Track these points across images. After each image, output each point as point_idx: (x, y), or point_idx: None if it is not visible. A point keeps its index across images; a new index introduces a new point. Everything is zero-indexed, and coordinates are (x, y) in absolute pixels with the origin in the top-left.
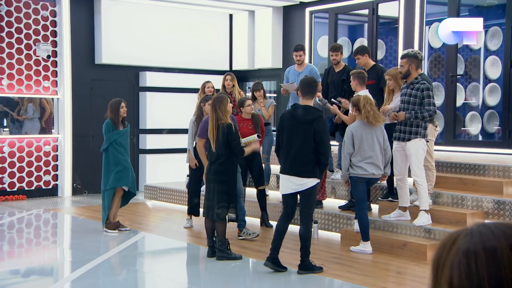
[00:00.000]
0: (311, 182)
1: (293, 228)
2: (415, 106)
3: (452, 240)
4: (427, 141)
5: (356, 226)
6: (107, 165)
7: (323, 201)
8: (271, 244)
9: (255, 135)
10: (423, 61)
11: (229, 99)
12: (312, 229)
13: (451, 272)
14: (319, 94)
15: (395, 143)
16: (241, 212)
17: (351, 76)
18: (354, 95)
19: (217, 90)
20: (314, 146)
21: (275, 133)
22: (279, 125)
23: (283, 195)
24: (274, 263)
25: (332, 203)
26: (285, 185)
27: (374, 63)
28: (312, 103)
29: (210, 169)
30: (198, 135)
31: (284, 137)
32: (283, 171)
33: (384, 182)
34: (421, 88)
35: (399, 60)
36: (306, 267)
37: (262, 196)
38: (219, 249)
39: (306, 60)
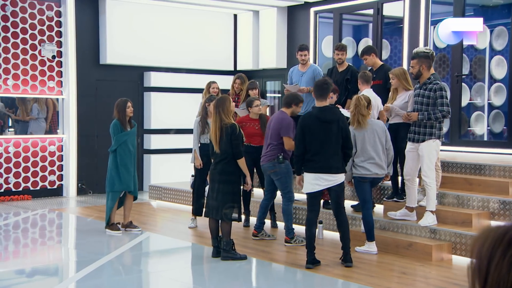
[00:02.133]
0: (341, 177)
1: (301, 228)
2: (428, 107)
3: (509, 236)
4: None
5: (363, 226)
6: (113, 166)
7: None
8: (307, 248)
9: None
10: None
11: (231, 100)
12: (317, 229)
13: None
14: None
15: (409, 143)
16: (263, 216)
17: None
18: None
19: (222, 91)
20: (341, 142)
21: None
22: (300, 128)
23: (311, 194)
24: (315, 263)
25: None
26: (314, 182)
27: (382, 63)
28: (328, 103)
29: (215, 169)
30: (285, 134)
31: (310, 138)
32: (314, 170)
33: (389, 183)
34: (434, 89)
35: (410, 61)
36: (351, 258)
37: None
38: (224, 249)
39: (310, 60)
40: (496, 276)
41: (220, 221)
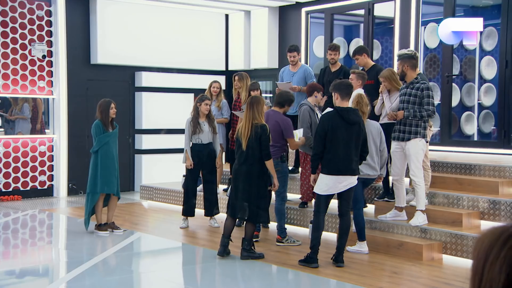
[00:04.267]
0: (356, 179)
1: (292, 229)
2: (414, 105)
3: (505, 236)
4: (427, 141)
5: (354, 226)
6: (95, 167)
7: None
8: (313, 248)
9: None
10: (418, 60)
11: (264, 100)
12: (309, 229)
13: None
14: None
15: (394, 143)
16: (283, 220)
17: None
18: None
19: (224, 91)
20: (360, 145)
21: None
22: (323, 128)
23: (327, 196)
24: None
25: None
26: (333, 185)
27: (373, 63)
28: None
29: (239, 169)
30: (289, 136)
31: (333, 139)
32: (335, 172)
33: (380, 183)
34: (421, 88)
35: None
36: (343, 259)
37: None
38: (244, 248)
39: (302, 61)
40: (490, 277)
41: (245, 222)
